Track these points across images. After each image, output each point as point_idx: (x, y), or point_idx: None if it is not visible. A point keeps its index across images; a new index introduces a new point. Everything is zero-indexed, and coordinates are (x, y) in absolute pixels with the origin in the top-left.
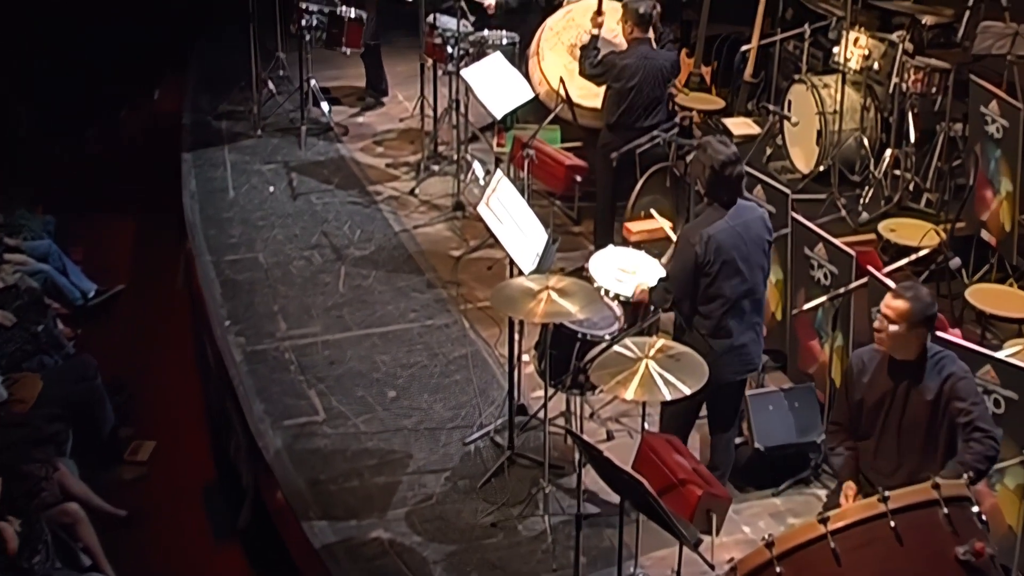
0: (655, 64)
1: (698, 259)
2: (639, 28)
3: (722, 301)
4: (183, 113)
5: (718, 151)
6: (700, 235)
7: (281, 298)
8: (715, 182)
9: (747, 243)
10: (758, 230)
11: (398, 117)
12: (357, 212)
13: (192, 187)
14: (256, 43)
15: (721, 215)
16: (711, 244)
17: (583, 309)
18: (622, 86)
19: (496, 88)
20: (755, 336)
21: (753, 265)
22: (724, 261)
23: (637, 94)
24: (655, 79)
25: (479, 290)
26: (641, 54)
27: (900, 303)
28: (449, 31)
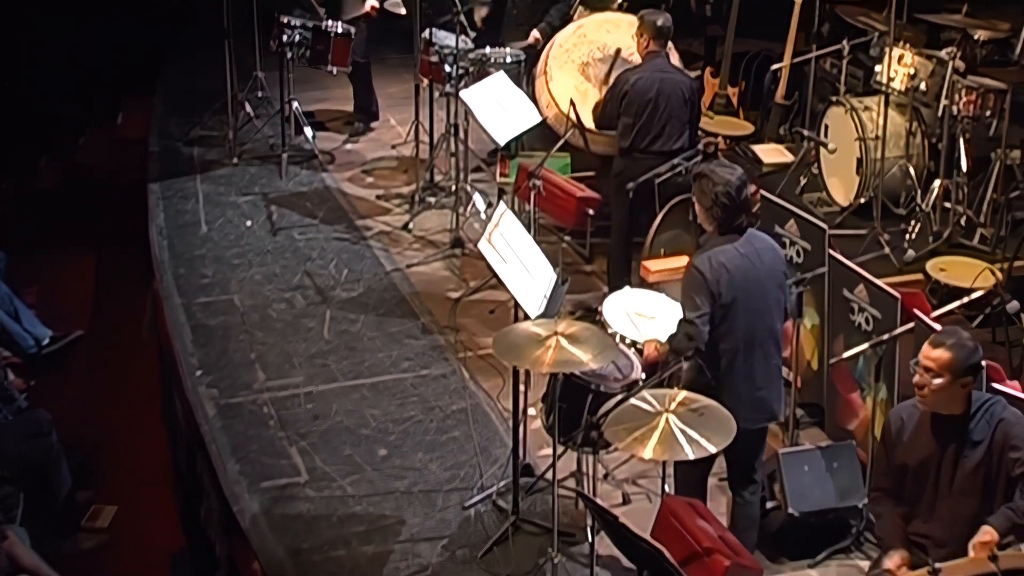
0: (673, 79)
1: (709, 283)
2: (656, 42)
3: (734, 339)
4: (150, 139)
5: (723, 177)
6: (708, 259)
7: (259, 345)
8: (727, 210)
9: (761, 273)
10: (772, 261)
11: (390, 143)
12: (344, 249)
13: (160, 221)
14: (232, 61)
15: (730, 242)
16: (721, 270)
17: (596, 358)
18: (637, 103)
19: (499, 111)
20: (772, 379)
21: (767, 300)
22: (735, 291)
23: (652, 112)
24: (673, 97)
25: (480, 336)
26: (656, 68)
27: (940, 352)
28: (447, 48)
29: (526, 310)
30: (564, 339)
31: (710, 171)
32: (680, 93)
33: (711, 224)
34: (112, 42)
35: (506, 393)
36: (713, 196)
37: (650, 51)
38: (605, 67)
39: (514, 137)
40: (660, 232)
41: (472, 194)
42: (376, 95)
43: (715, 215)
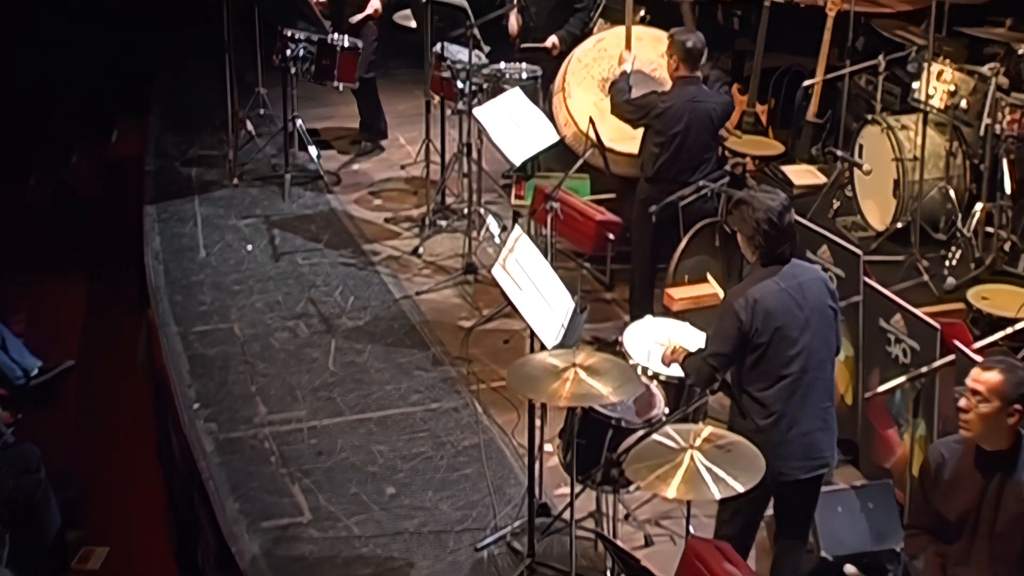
0: (703, 108)
1: (742, 327)
2: (686, 65)
3: (776, 380)
4: (145, 158)
5: (764, 202)
6: (745, 298)
7: (260, 377)
8: (770, 239)
9: (804, 309)
10: (818, 294)
11: (399, 164)
12: (350, 275)
13: (156, 245)
14: (232, 77)
15: (771, 275)
16: (758, 309)
17: (617, 390)
18: (664, 134)
19: (514, 130)
20: (823, 424)
21: (814, 336)
22: (776, 330)
23: (681, 144)
24: (703, 126)
25: (494, 368)
26: (687, 96)
27: (991, 376)
28: (459, 63)
29: (542, 340)
30: (583, 371)
31: (750, 197)
32: (710, 123)
33: (753, 253)
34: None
35: (521, 428)
36: (755, 224)
37: (680, 75)
38: None
39: (530, 157)
40: (684, 258)
41: (486, 217)
42: (384, 113)
43: (757, 244)
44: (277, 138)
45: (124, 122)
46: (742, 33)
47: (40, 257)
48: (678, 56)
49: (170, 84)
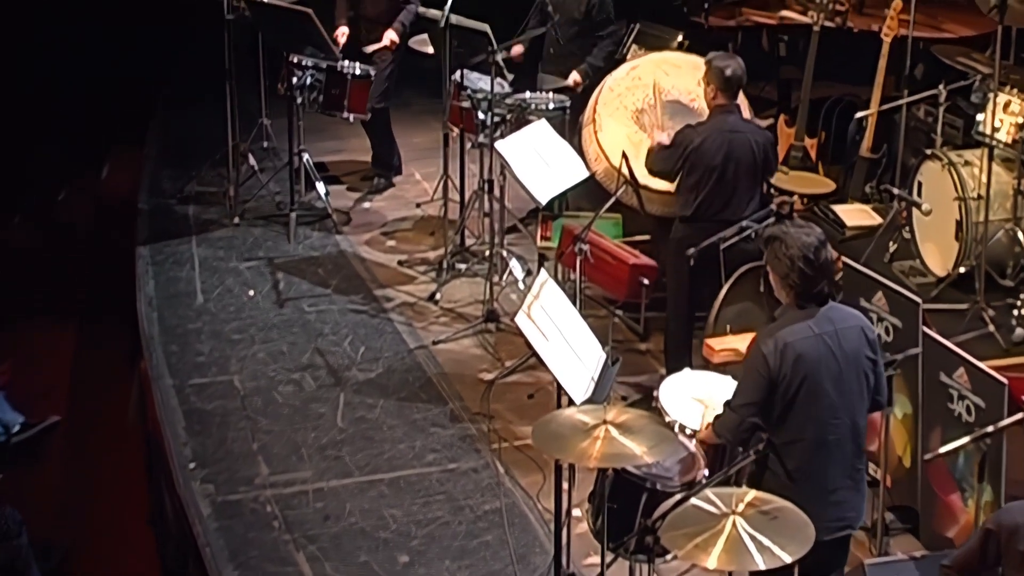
0: (744, 139)
1: (770, 372)
2: (724, 94)
3: (804, 434)
4: (139, 195)
5: (799, 238)
6: (775, 341)
7: (262, 434)
8: (805, 278)
9: (839, 359)
10: (855, 343)
11: (414, 202)
12: (361, 323)
13: (149, 290)
14: (234, 106)
15: (804, 319)
16: (788, 354)
17: (651, 450)
18: (701, 168)
19: (540, 165)
20: (853, 483)
21: (847, 389)
22: (805, 378)
23: (720, 178)
24: (744, 159)
25: (517, 424)
26: (725, 126)
27: None
28: (481, 92)
29: (570, 395)
30: (614, 429)
31: (783, 233)
32: (751, 157)
33: (788, 295)
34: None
35: (547, 491)
36: (788, 261)
37: (718, 104)
38: (663, 115)
39: (557, 195)
40: (726, 305)
41: (509, 260)
42: (398, 146)
43: (792, 283)
44: (282, 173)
45: (116, 156)
46: (789, 60)
47: (25, 303)
48: (716, 84)
49: (166, 114)
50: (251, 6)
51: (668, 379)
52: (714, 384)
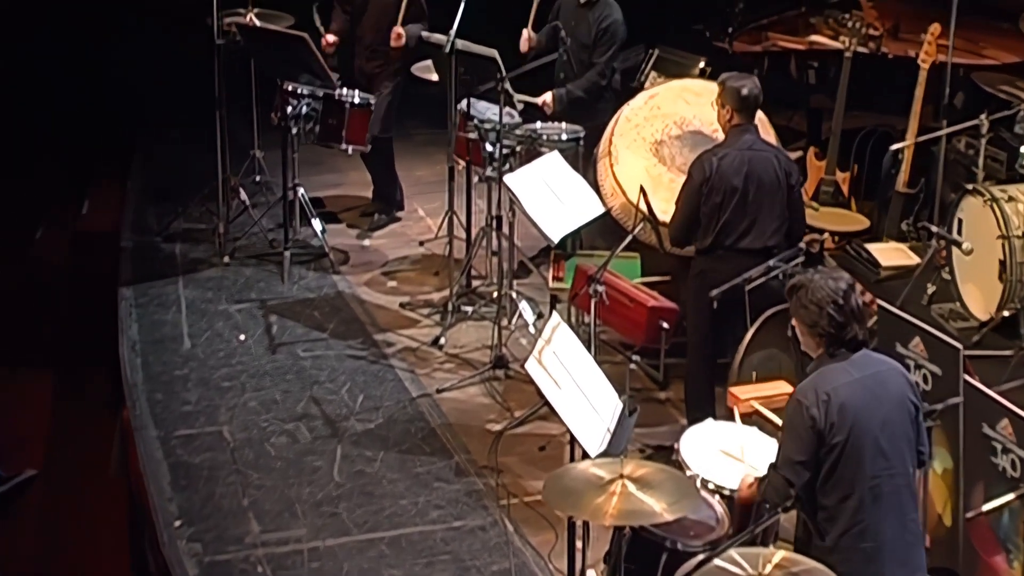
0: (764, 157)
1: (816, 426)
2: (741, 115)
3: (855, 487)
4: (121, 232)
5: (826, 284)
6: (815, 393)
7: (253, 489)
8: (836, 324)
9: (884, 402)
10: (898, 387)
11: (417, 240)
12: (360, 370)
13: (133, 334)
14: (224, 138)
15: (843, 365)
16: (832, 404)
17: (672, 507)
18: (720, 191)
19: (552, 201)
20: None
21: (896, 433)
22: (853, 426)
23: (740, 202)
24: (766, 180)
25: (527, 479)
26: (744, 144)
27: None
28: (489, 122)
29: (585, 447)
30: (632, 484)
31: (808, 280)
32: (774, 175)
33: (817, 345)
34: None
35: (559, 551)
36: (816, 309)
37: (735, 125)
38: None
39: (571, 233)
40: (751, 351)
41: (518, 303)
42: (400, 180)
43: (821, 332)
44: (275, 209)
45: (97, 190)
46: (819, 88)
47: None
48: (732, 105)
49: (151, 146)
50: (243, 31)
51: (690, 430)
52: (740, 436)
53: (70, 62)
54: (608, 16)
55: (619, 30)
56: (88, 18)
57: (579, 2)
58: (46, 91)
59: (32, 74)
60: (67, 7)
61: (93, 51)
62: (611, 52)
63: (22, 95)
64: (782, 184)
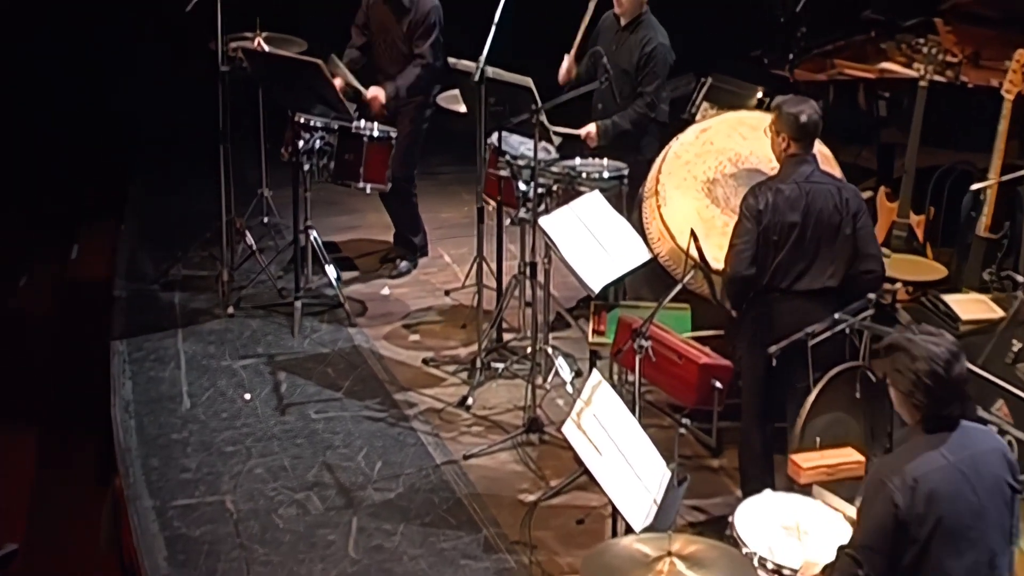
0: (825, 191)
1: (899, 514)
2: (799, 144)
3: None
4: (114, 280)
5: (926, 348)
6: (902, 476)
7: (259, 565)
8: (934, 397)
9: (979, 490)
10: (995, 468)
11: (442, 289)
12: (378, 433)
13: (126, 393)
14: (229, 175)
15: (935, 445)
16: (920, 491)
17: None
18: (775, 227)
19: (593, 246)
20: None
21: (990, 524)
22: (941, 519)
23: (798, 240)
24: (826, 215)
25: (564, 556)
26: (801, 175)
27: None
28: (522, 158)
29: (628, 520)
30: (681, 562)
31: (907, 342)
32: (834, 209)
33: (911, 415)
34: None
35: None
36: (913, 377)
37: (791, 155)
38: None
39: (613, 282)
40: (815, 414)
41: (555, 359)
42: (424, 223)
43: (917, 402)
44: (285, 254)
45: (87, 233)
46: (891, 121)
47: None
48: (788, 132)
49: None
50: (250, 56)
51: (746, 502)
52: (802, 509)
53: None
54: (651, 39)
55: (664, 55)
56: (80, 40)
57: (620, 25)
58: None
59: (14, 102)
60: (59, 25)
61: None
62: (658, 81)
63: (3, 128)
64: (844, 219)
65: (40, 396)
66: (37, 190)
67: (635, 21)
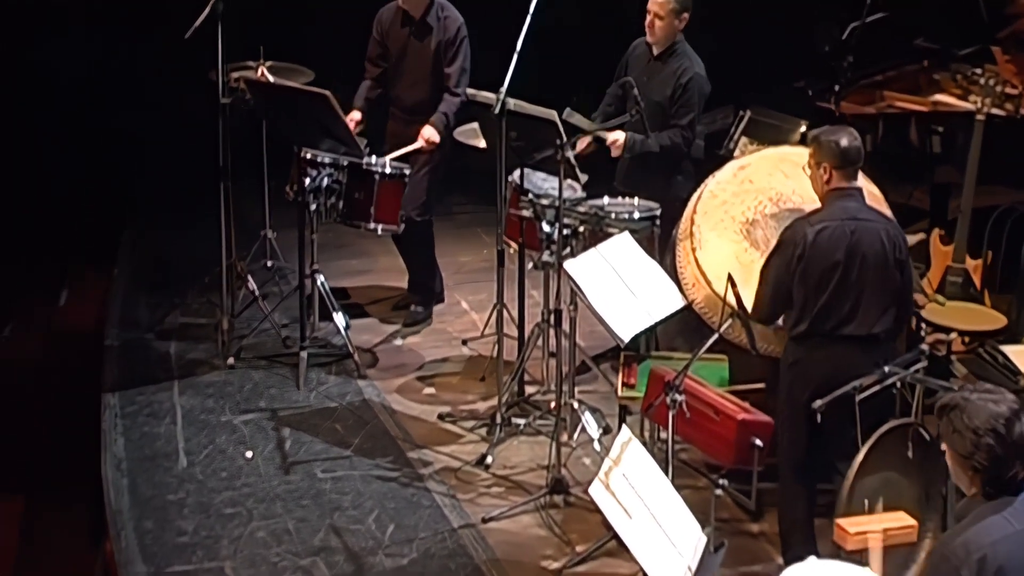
0: (872, 229)
1: None
2: (841, 174)
3: None
4: (106, 328)
5: (986, 407)
6: (966, 548)
7: None
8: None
9: None
10: None
11: (459, 338)
12: (391, 494)
13: (118, 450)
14: (230, 215)
15: (998, 510)
16: (988, 567)
17: None
18: (818, 268)
19: (622, 292)
20: None
21: None
22: None
23: (842, 281)
24: (872, 255)
25: None
26: (846, 212)
27: None
28: (546, 197)
29: None
30: None
31: (964, 400)
32: (880, 249)
33: (971, 481)
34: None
35: None
36: (973, 438)
37: (834, 189)
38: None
39: (644, 331)
40: (863, 474)
41: (581, 414)
42: (440, 267)
43: (977, 466)
44: (290, 301)
45: (77, 277)
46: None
47: None
48: (829, 162)
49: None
50: (252, 87)
51: (788, 570)
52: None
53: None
54: (687, 69)
55: (701, 86)
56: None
57: (652, 54)
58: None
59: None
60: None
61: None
62: (693, 114)
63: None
64: (890, 261)
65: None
66: (22, 229)
67: (669, 50)
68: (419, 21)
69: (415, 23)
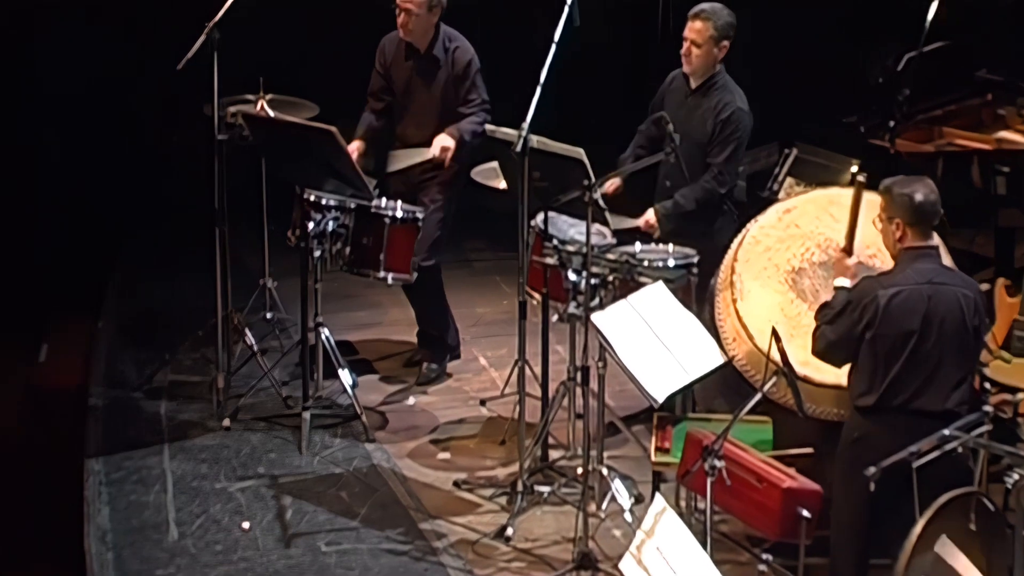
0: (950, 294)
1: None
2: (916, 230)
3: None
4: (90, 387)
5: None
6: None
7: None
8: None
9: None
10: None
11: (477, 397)
12: (401, 569)
13: (103, 521)
14: (226, 262)
15: None
16: None
17: None
18: (889, 336)
19: (656, 348)
20: None
21: None
22: None
23: (915, 351)
24: (951, 322)
25: None
26: (923, 276)
27: None
28: (572, 244)
29: None
30: None
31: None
32: (959, 316)
33: None
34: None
35: None
36: None
37: (907, 247)
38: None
39: (680, 390)
40: (921, 549)
41: (611, 482)
42: (453, 318)
43: None
44: (292, 356)
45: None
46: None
47: None
48: (903, 218)
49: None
50: (252, 123)
51: None
52: None
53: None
54: (728, 104)
55: (744, 122)
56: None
57: (689, 88)
58: None
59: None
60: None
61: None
62: (731, 150)
63: None
64: (970, 332)
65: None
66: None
67: (708, 83)
68: (425, 54)
69: (420, 56)
